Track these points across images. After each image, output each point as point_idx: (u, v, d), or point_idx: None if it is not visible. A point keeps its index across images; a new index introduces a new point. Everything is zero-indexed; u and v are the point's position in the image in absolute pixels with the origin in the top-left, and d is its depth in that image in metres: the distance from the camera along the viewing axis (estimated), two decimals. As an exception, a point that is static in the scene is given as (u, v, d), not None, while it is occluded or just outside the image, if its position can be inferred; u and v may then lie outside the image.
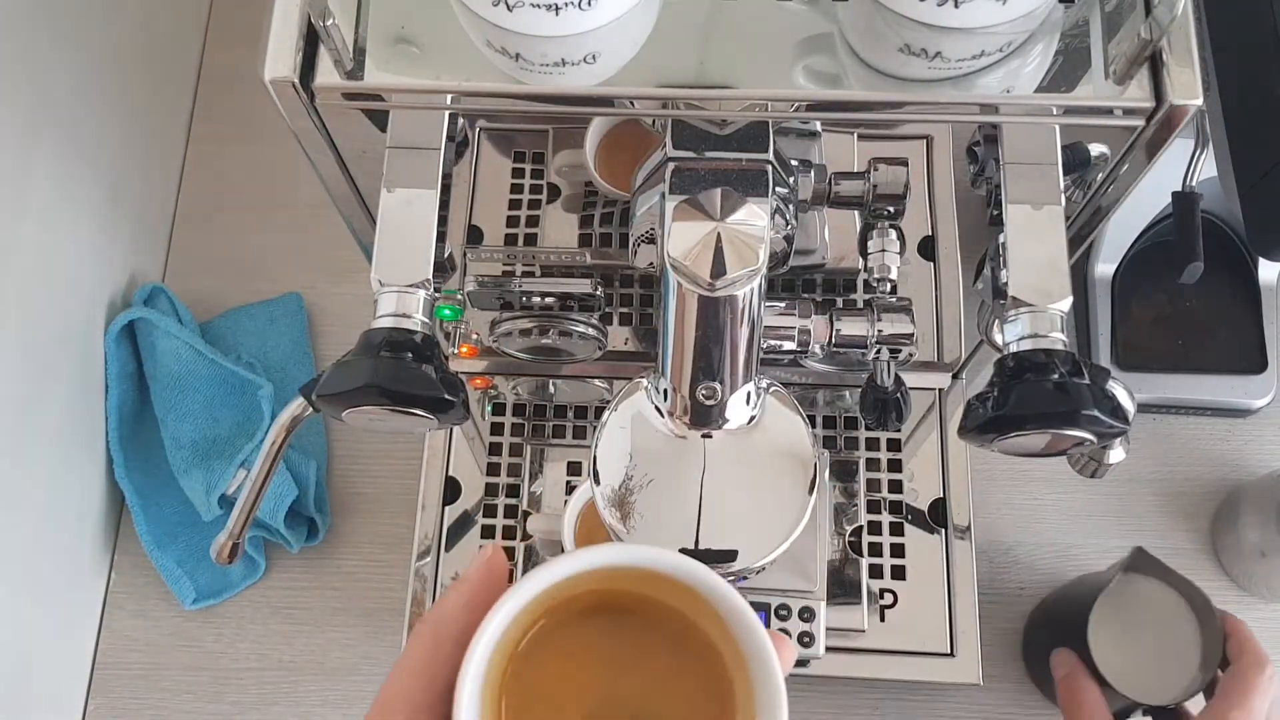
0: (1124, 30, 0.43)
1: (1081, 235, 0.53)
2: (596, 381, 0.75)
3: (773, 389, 0.53)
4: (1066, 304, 0.46)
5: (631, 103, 0.44)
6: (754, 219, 0.47)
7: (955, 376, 0.74)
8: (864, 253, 0.55)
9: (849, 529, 0.71)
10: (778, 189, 0.50)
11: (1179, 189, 0.59)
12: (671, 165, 0.49)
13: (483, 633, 0.28)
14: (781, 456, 0.51)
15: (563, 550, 0.66)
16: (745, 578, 0.51)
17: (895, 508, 0.72)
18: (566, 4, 0.42)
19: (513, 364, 0.72)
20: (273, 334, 0.80)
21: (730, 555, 0.49)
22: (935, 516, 0.72)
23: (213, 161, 0.86)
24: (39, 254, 0.67)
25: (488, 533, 0.73)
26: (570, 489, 0.73)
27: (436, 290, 0.48)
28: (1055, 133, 0.47)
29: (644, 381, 0.52)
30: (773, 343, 0.55)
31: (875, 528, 0.71)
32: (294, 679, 0.72)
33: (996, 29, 0.43)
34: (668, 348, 0.50)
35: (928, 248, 0.75)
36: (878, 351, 0.55)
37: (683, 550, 0.34)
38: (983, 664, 0.68)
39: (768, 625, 0.65)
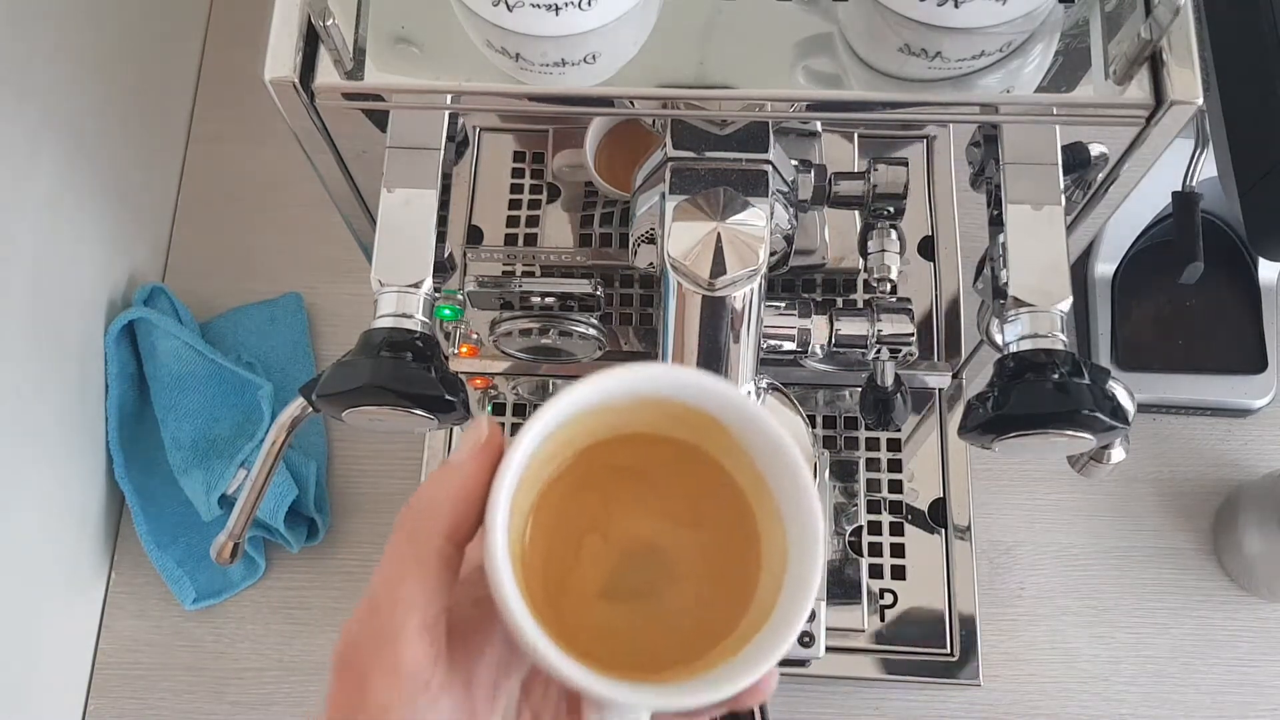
0: (1124, 30, 0.43)
1: (1082, 235, 0.53)
2: (596, 381, 0.75)
3: (773, 388, 0.53)
4: (1066, 304, 0.46)
5: (631, 103, 0.44)
6: (754, 219, 0.47)
7: (955, 376, 0.74)
8: (864, 253, 0.55)
9: (849, 529, 0.71)
10: (777, 189, 0.50)
11: (1179, 189, 0.59)
12: (671, 165, 0.49)
13: (510, 459, 0.28)
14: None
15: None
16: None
17: (895, 508, 0.72)
18: (566, 4, 0.42)
19: (513, 364, 0.72)
20: (273, 334, 0.80)
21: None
22: (935, 516, 0.72)
23: (213, 161, 0.86)
24: (39, 254, 0.67)
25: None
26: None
27: (436, 290, 0.48)
28: (1055, 133, 0.47)
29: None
30: (773, 343, 0.55)
31: (875, 528, 0.71)
32: (294, 679, 0.72)
33: (996, 29, 0.43)
34: (668, 348, 0.50)
35: (928, 248, 0.75)
36: (877, 351, 0.55)
37: None
38: (982, 664, 0.68)
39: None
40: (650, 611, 0.31)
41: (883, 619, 0.69)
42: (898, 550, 0.71)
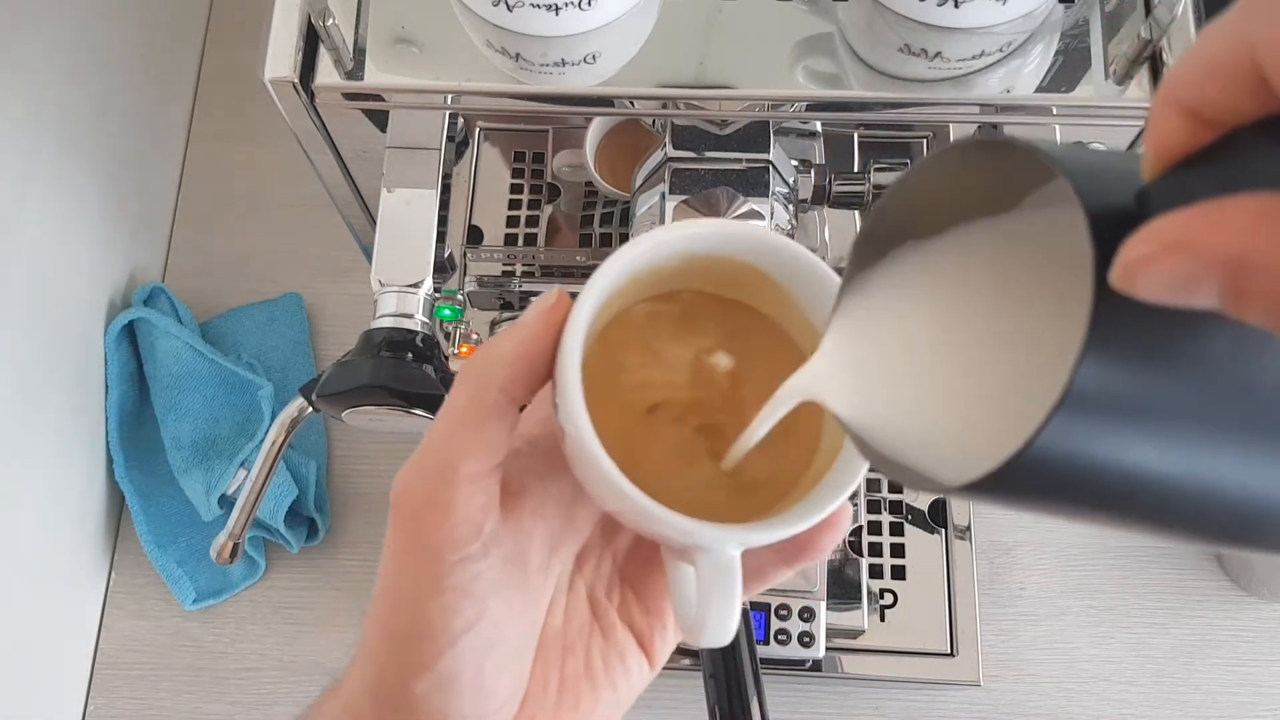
0: (1124, 30, 0.43)
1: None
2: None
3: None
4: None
5: (631, 103, 0.45)
6: (754, 219, 0.47)
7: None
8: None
9: (849, 529, 0.71)
10: (777, 189, 0.50)
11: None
12: (671, 165, 0.49)
13: (579, 312, 0.28)
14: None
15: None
16: None
17: (895, 508, 0.72)
18: (566, 4, 0.42)
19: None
20: (273, 334, 0.80)
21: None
22: (935, 516, 0.72)
23: (213, 161, 0.86)
24: (39, 254, 0.67)
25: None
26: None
27: (436, 290, 0.48)
28: (1055, 133, 0.47)
29: None
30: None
31: (875, 528, 0.71)
32: (294, 679, 0.72)
33: (996, 29, 0.43)
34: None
35: (928, 248, 0.75)
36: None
37: None
38: (982, 664, 0.68)
39: (767, 625, 0.65)
40: (725, 469, 0.31)
41: (883, 619, 0.69)
42: (898, 550, 0.71)
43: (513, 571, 0.29)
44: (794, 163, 0.53)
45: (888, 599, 0.69)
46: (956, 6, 0.42)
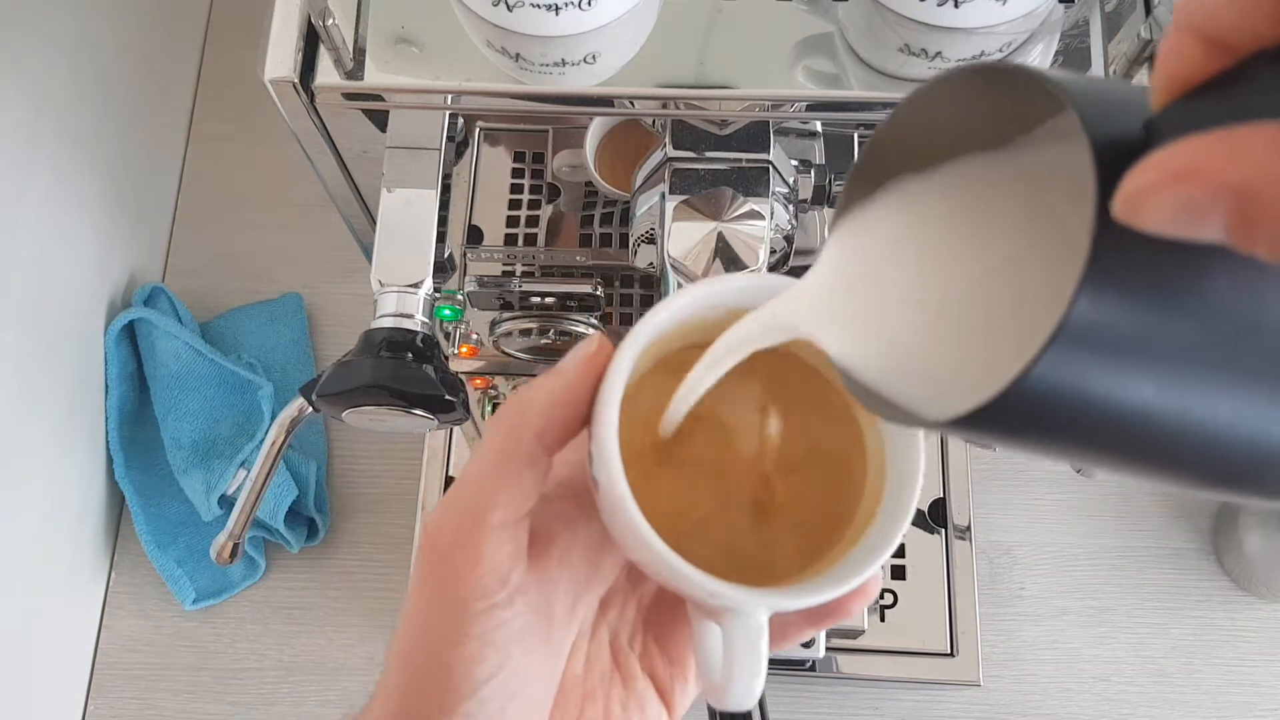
0: (1124, 30, 0.43)
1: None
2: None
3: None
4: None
5: (631, 103, 0.44)
6: (754, 219, 0.47)
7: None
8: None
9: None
10: (777, 189, 0.50)
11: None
12: (671, 165, 0.49)
13: (619, 362, 0.27)
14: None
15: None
16: None
17: (895, 508, 0.72)
18: (566, 4, 0.42)
19: (513, 364, 0.72)
20: (273, 334, 0.80)
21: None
22: (935, 516, 0.72)
23: (213, 161, 0.86)
24: (39, 254, 0.67)
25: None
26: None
27: (436, 290, 0.48)
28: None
29: None
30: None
31: (875, 528, 0.71)
32: (294, 679, 0.72)
33: (996, 29, 0.43)
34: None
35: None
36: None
37: None
38: (982, 664, 0.68)
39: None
40: (758, 525, 0.30)
41: (883, 619, 0.69)
42: (898, 550, 0.70)
43: (537, 620, 0.28)
44: (794, 163, 0.53)
45: (888, 599, 0.69)
46: (956, 6, 0.42)
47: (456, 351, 0.73)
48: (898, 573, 0.70)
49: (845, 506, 0.30)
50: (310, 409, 0.51)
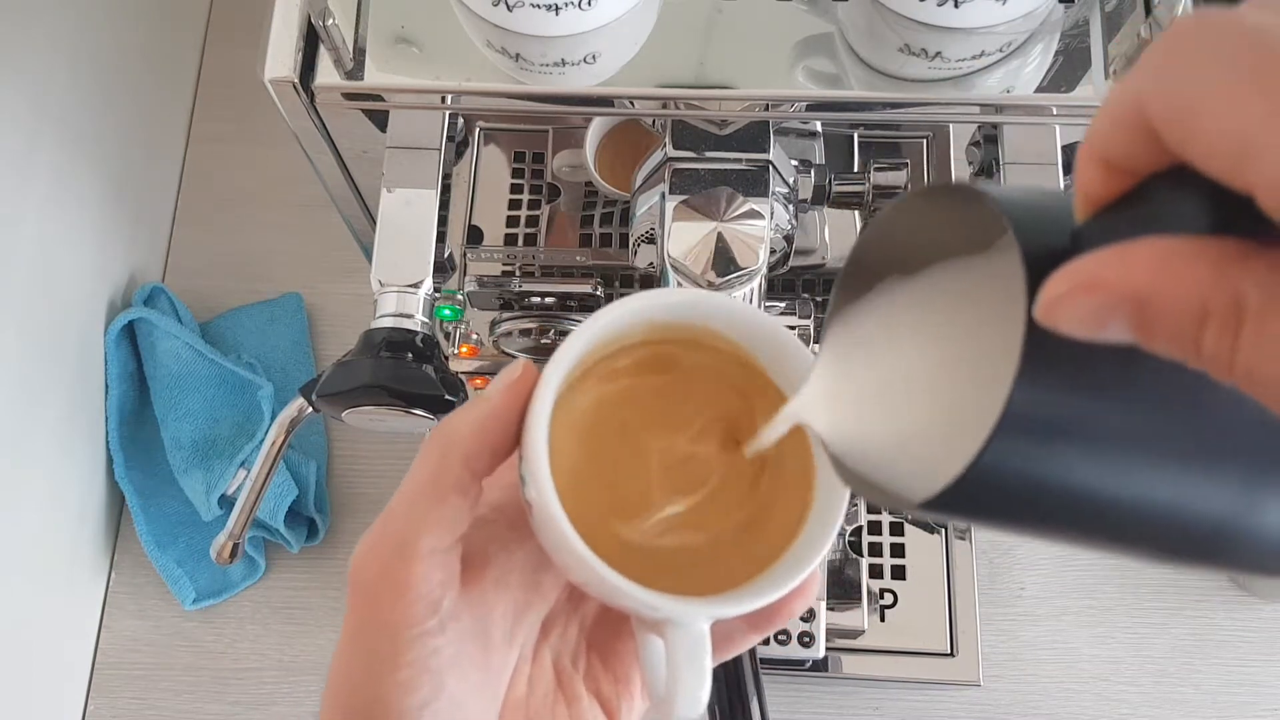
0: (1124, 30, 0.43)
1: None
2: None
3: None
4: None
5: (631, 103, 0.45)
6: (754, 219, 0.47)
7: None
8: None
9: (849, 529, 0.71)
10: (777, 189, 0.50)
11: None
12: (671, 166, 0.49)
13: (546, 383, 0.28)
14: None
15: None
16: None
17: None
18: (566, 4, 0.42)
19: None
20: (273, 334, 0.80)
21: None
22: (935, 516, 0.72)
23: (213, 161, 0.86)
24: (39, 254, 0.67)
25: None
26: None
27: (436, 290, 0.48)
28: (1055, 133, 0.47)
29: None
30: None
31: (875, 528, 0.71)
32: (294, 679, 0.72)
33: (996, 29, 0.43)
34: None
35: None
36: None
37: None
38: (982, 664, 0.68)
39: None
40: (697, 536, 0.31)
41: (883, 619, 0.69)
42: (898, 550, 0.71)
43: (473, 646, 0.28)
44: (794, 163, 0.53)
45: (888, 599, 0.69)
46: (956, 6, 0.42)
47: (456, 351, 0.73)
48: (898, 573, 0.70)
49: (784, 512, 0.31)
50: (310, 409, 0.51)
